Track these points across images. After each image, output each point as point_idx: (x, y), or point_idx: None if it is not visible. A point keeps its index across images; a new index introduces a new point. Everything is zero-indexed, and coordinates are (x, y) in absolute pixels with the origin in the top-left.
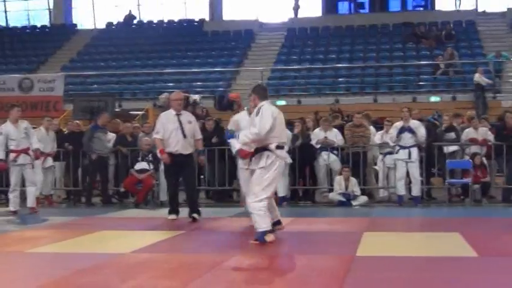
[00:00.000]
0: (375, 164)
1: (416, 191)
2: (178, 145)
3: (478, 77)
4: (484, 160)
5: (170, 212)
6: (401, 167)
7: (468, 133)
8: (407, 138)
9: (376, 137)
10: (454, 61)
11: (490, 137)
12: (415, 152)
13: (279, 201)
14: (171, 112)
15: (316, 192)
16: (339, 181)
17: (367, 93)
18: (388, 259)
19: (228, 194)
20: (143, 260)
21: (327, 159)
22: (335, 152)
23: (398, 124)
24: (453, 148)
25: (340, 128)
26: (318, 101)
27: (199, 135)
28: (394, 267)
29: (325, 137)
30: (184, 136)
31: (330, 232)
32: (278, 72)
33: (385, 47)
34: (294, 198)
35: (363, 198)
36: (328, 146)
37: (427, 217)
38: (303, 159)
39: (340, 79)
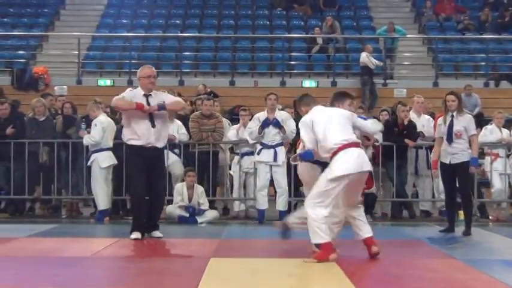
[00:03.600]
0: (229, 167)
1: (282, 204)
2: (150, 135)
3: (365, 57)
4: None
5: (135, 229)
6: (264, 173)
7: None
8: (272, 135)
9: (231, 132)
10: (335, 35)
11: (378, 135)
12: (282, 152)
13: (98, 216)
14: (139, 92)
15: None
16: (180, 190)
17: (222, 73)
18: None
19: (28, 206)
20: None
21: (166, 161)
22: (176, 150)
23: (261, 115)
24: None
25: (185, 119)
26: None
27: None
28: None
29: None
30: (153, 125)
31: (167, 258)
32: (102, 40)
33: (245, 13)
34: (119, 212)
35: (212, 213)
36: (168, 143)
37: (296, 239)
38: None
39: (186, 53)
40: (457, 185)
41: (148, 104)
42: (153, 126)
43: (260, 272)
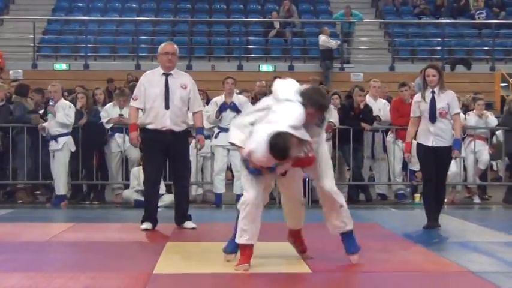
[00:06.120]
0: None
1: (239, 188)
2: (165, 118)
3: (325, 40)
4: None
5: (146, 219)
6: (222, 156)
7: None
8: (230, 118)
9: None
10: (292, 19)
11: (334, 118)
12: None
13: (55, 201)
14: (158, 71)
15: (106, 188)
16: (136, 174)
17: (179, 57)
18: (191, 277)
19: None
20: None
21: (122, 145)
22: None
23: (219, 99)
24: None
25: None
26: (111, 66)
27: (199, 107)
28: None
29: (121, 115)
30: (167, 107)
31: (122, 242)
32: (57, 24)
33: None
34: (76, 197)
35: (169, 198)
36: (125, 126)
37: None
38: (89, 143)
39: (143, 37)
40: (436, 169)
41: (167, 84)
42: (167, 107)
43: (216, 255)
